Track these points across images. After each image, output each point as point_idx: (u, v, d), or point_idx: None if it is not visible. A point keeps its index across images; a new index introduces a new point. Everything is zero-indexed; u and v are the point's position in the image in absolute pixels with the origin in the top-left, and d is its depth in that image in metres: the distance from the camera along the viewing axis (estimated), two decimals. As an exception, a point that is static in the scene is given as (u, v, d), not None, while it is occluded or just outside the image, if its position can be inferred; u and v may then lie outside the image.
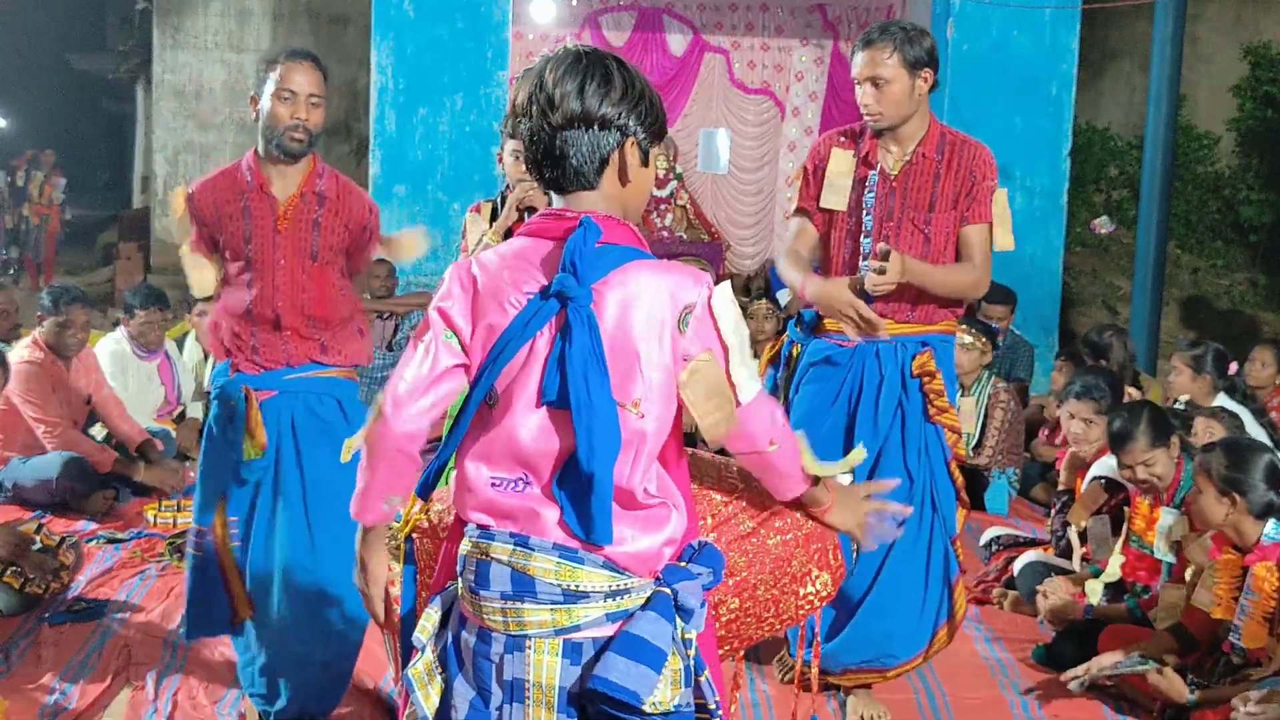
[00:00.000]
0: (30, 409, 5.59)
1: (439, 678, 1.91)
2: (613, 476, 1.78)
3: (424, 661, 1.92)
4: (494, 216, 4.10)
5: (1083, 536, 4.70)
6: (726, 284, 1.90)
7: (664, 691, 1.79)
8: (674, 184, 10.64)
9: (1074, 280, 10.69)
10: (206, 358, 6.88)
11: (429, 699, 1.90)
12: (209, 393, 3.45)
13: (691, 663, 1.85)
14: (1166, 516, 4.17)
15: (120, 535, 5.22)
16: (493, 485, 1.85)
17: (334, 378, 3.36)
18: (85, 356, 5.96)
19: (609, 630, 1.81)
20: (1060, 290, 9.57)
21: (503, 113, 4.25)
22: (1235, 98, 11.47)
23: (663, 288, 1.83)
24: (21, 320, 6.76)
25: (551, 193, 1.93)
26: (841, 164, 3.53)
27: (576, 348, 1.78)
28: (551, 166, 1.89)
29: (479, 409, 1.87)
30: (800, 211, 3.63)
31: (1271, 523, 3.59)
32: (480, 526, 1.86)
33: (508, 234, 3.90)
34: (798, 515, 2.13)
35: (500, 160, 4.06)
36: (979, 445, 6.28)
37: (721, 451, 2.09)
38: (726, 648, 2.18)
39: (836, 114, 10.77)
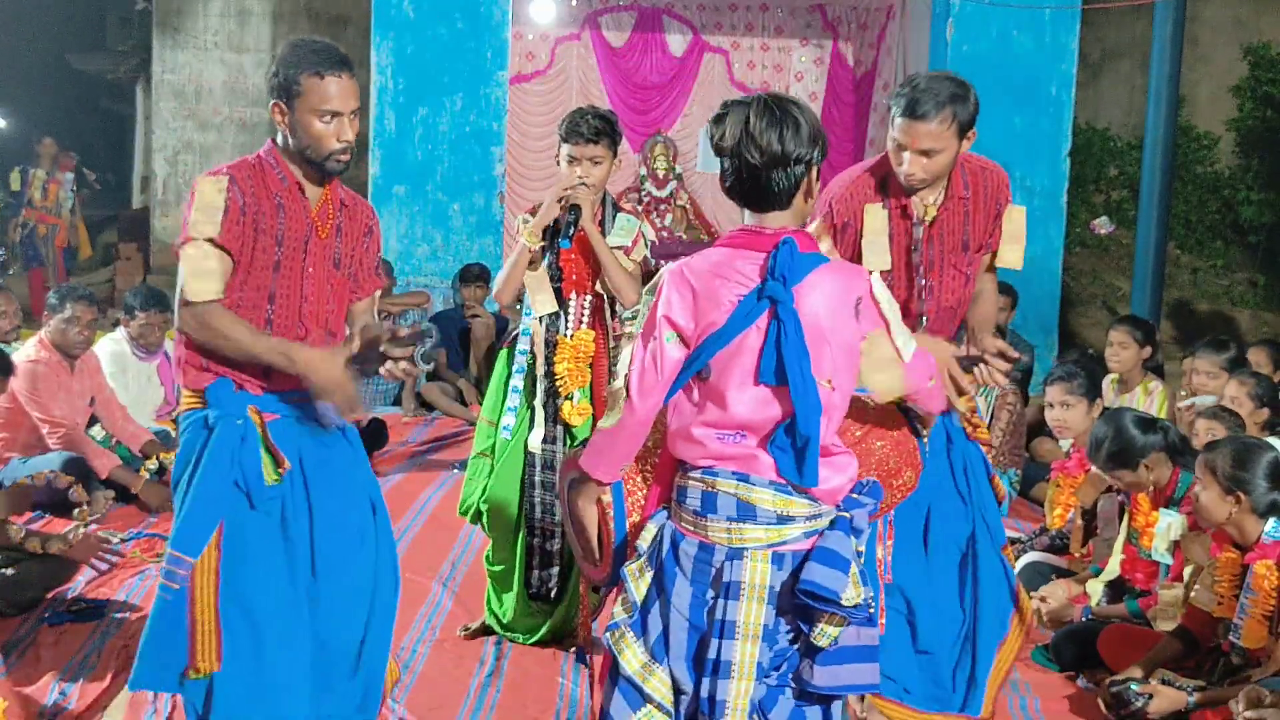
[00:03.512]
0: (36, 409, 5.60)
1: (649, 575, 2.46)
2: (820, 436, 2.32)
3: (638, 563, 2.47)
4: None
5: (1087, 515, 4.70)
6: (877, 274, 2.46)
7: (851, 590, 2.33)
8: (674, 184, 10.66)
9: (1074, 280, 10.69)
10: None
11: (639, 589, 2.46)
12: (178, 415, 3.13)
13: (862, 568, 2.39)
14: (1164, 518, 4.17)
15: (120, 535, 5.22)
16: (718, 439, 2.38)
17: None
18: (88, 358, 5.97)
19: (805, 545, 2.38)
20: (1060, 290, 9.57)
21: (503, 113, 4.25)
22: (1235, 98, 11.46)
23: (840, 285, 2.38)
24: (22, 323, 6.76)
25: (747, 210, 2.44)
26: (876, 221, 3.34)
27: (790, 340, 2.30)
28: (756, 194, 2.40)
29: (692, 379, 2.39)
30: None
31: (1272, 521, 3.59)
32: (705, 466, 2.39)
33: (550, 232, 3.94)
34: (892, 427, 2.67)
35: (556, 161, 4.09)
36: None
37: None
38: None
39: (836, 114, 10.78)
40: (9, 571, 4.32)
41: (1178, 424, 5.05)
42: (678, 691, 2.44)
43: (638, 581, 2.47)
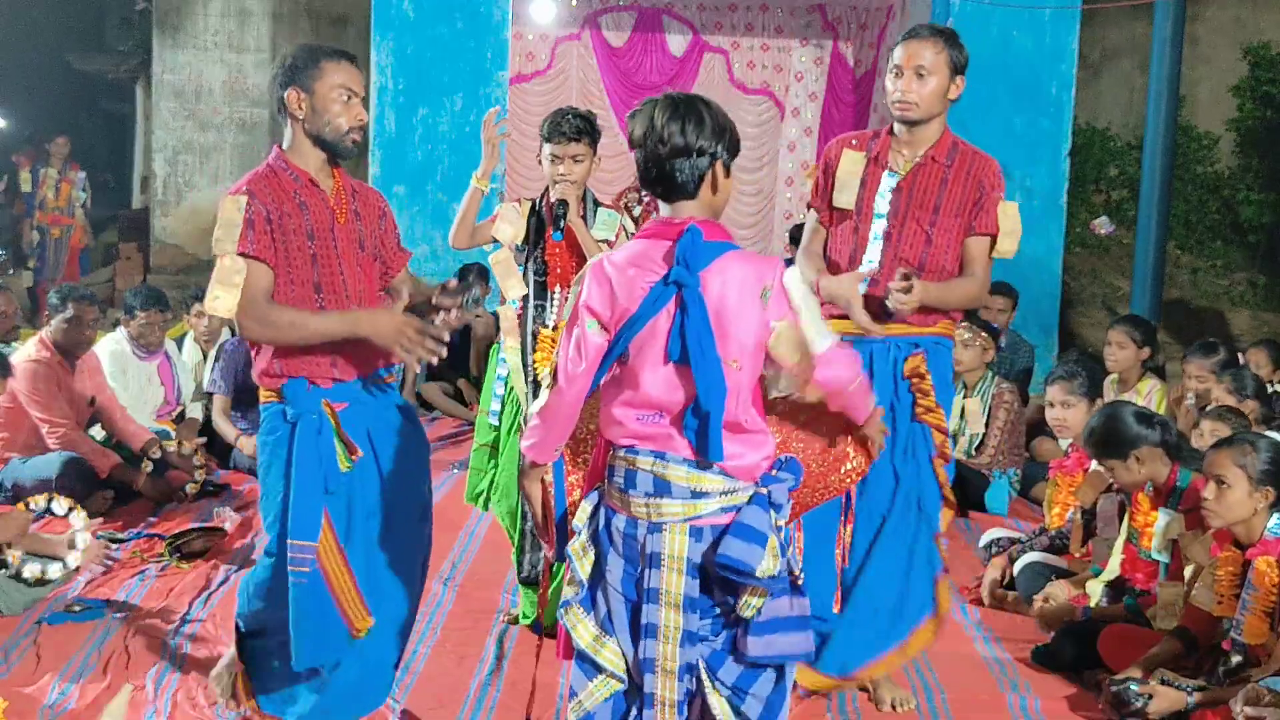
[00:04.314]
0: (36, 408, 5.60)
1: (591, 552, 2.59)
2: (724, 413, 2.43)
3: (580, 541, 2.60)
4: (533, 212, 4.22)
5: (1087, 515, 4.70)
6: (794, 268, 2.56)
7: (767, 562, 2.43)
8: (674, 184, 10.66)
9: (1074, 280, 10.70)
10: (205, 358, 6.88)
11: (584, 567, 2.59)
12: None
13: (783, 541, 2.49)
14: (1163, 517, 4.17)
15: (120, 535, 5.22)
16: (637, 419, 2.51)
17: (391, 384, 3.35)
18: (89, 358, 5.97)
19: (724, 520, 2.48)
20: (1060, 290, 9.57)
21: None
22: (1235, 98, 11.47)
23: (749, 273, 2.47)
24: (20, 323, 6.75)
25: (660, 201, 2.56)
26: (851, 164, 3.66)
27: (692, 321, 2.41)
28: (663, 183, 2.52)
29: (615, 363, 2.51)
30: (813, 210, 3.80)
31: (1275, 517, 3.59)
32: (627, 445, 2.52)
33: (540, 225, 4.16)
34: (840, 415, 2.73)
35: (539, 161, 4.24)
36: (981, 445, 6.29)
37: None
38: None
39: (836, 115, 10.77)
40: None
41: (1177, 422, 5.05)
42: (627, 660, 2.58)
43: (582, 560, 2.60)
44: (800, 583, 2.55)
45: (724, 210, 2.61)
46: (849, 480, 2.85)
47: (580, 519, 2.63)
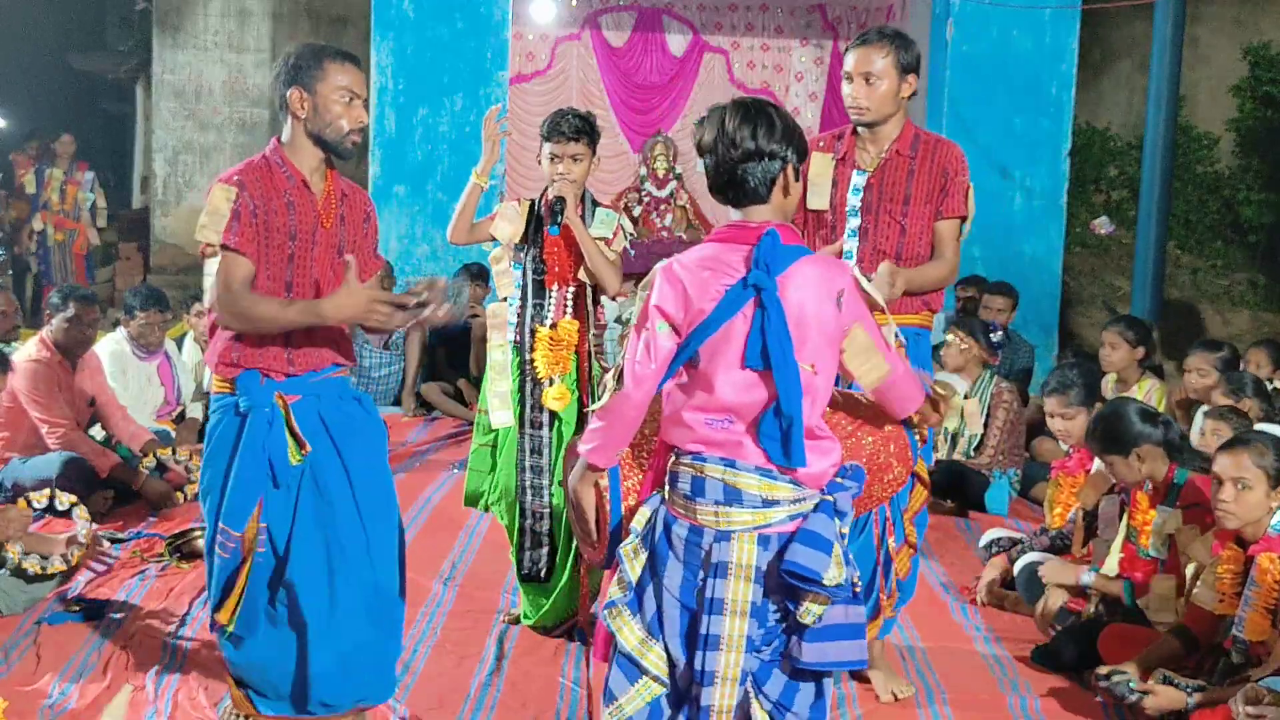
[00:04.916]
0: (36, 408, 5.60)
1: (643, 554, 2.58)
2: (804, 417, 2.43)
3: (633, 544, 2.59)
4: (532, 212, 4.24)
5: (1089, 516, 4.70)
6: (857, 268, 2.63)
7: (834, 570, 2.43)
8: (674, 184, 10.64)
9: (1074, 280, 10.69)
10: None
11: (634, 569, 2.59)
12: (210, 394, 3.42)
13: (846, 549, 2.50)
14: (1160, 515, 4.17)
15: (120, 535, 5.22)
16: (706, 424, 2.50)
17: (344, 378, 3.38)
18: (89, 358, 5.97)
19: (790, 527, 2.48)
20: (1060, 290, 9.57)
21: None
22: (1235, 98, 11.46)
23: (822, 277, 2.49)
24: (20, 323, 6.75)
25: (730, 207, 2.56)
26: (821, 166, 3.77)
27: (773, 325, 2.41)
28: (733, 188, 2.54)
29: (683, 366, 2.51)
30: None
31: (1278, 514, 3.59)
32: (693, 452, 2.51)
33: (538, 224, 4.16)
34: (884, 423, 2.81)
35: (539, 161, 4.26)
36: (981, 445, 6.29)
37: None
38: None
39: (836, 114, 10.77)
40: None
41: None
42: (673, 664, 2.57)
43: (633, 561, 2.59)
44: (858, 591, 2.54)
45: (794, 211, 2.63)
46: (890, 490, 2.90)
47: (638, 523, 2.61)
